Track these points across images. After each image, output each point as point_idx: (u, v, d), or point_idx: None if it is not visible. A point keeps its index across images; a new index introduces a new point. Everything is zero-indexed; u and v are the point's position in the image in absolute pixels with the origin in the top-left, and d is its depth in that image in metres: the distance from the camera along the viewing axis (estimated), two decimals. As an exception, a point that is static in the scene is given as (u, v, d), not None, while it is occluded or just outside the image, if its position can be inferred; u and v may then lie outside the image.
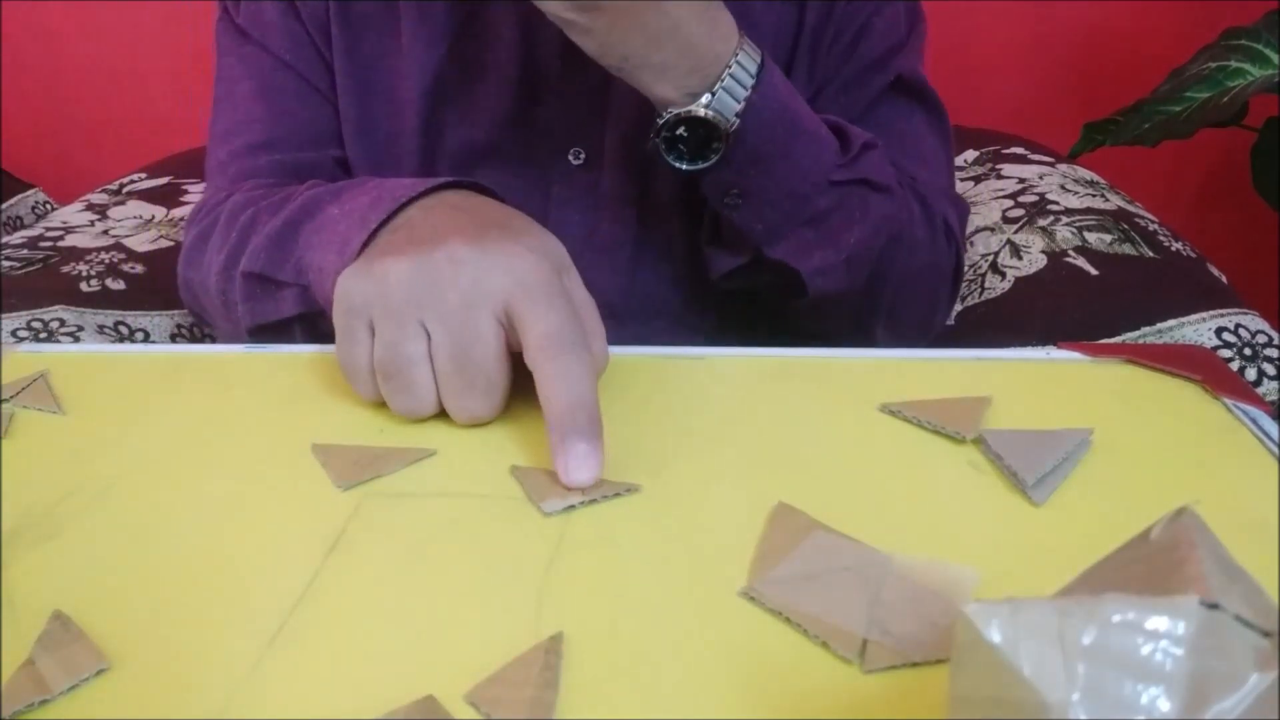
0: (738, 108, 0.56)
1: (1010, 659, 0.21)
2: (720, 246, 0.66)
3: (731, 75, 0.55)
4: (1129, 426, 0.45)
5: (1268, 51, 1.34)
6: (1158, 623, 0.21)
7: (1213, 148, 1.63)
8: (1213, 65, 1.35)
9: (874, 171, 0.63)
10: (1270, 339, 0.85)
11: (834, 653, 0.32)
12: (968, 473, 0.42)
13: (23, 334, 0.85)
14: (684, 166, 0.59)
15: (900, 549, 0.37)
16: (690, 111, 0.56)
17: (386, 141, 0.70)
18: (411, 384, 0.44)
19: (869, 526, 0.38)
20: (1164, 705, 0.20)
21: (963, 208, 0.74)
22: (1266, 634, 0.21)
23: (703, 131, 0.57)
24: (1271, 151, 1.45)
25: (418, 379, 0.44)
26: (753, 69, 0.56)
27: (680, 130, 0.57)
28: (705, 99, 0.55)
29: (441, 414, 0.45)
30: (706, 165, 0.58)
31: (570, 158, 0.70)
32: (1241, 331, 0.86)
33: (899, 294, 0.68)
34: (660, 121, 0.57)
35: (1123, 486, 0.41)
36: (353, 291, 0.44)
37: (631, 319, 0.72)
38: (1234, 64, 1.34)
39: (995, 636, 0.21)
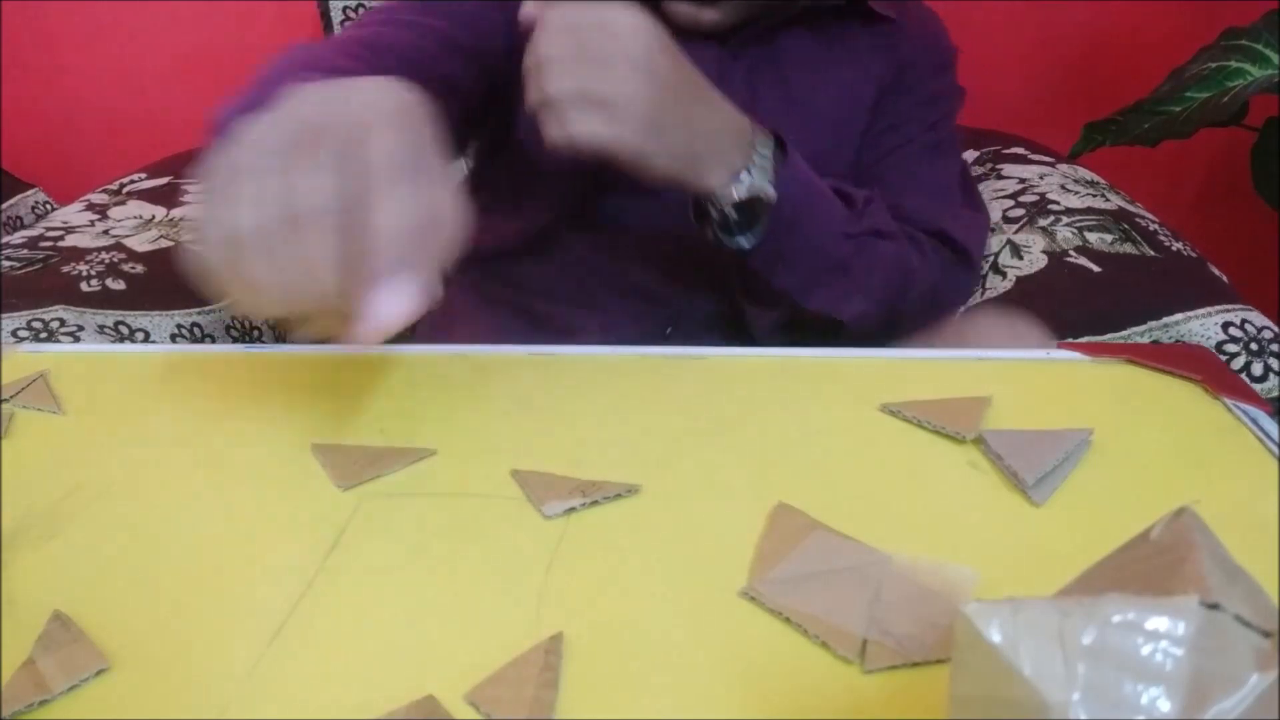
0: (771, 178, 0.59)
1: (1010, 659, 0.21)
2: (762, 306, 0.70)
3: (758, 150, 0.59)
4: (1129, 426, 0.45)
5: (1268, 51, 1.34)
6: (1158, 623, 0.21)
7: (1213, 148, 1.63)
8: (1213, 65, 1.35)
9: (879, 221, 0.70)
10: (1276, 334, 0.85)
11: (834, 653, 0.32)
12: (968, 473, 0.42)
13: (23, 334, 0.85)
14: (746, 244, 0.62)
15: (900, 549, 0.37)
16: (748, 192, 0.59)
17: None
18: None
19: (869, 526, 0.38)
20: (1164, 705, 0.20)
21: (975, 222, 0.81)
22: (1266, 634, 0.21)
23: (744, 212, 0.60)
24: (1271, 151, 1.45)
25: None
26: (769, 141, 0.60)
27: (728, 215, 0.61)
28: (744, 178, 0.59)
29: (441, 413, 0.45)
30: (759, 238, 0.62)
31: None
32: (1248, 326, 0.86)
33: (919, 310, 0.75)
34: (719, 211, 0.60)
35: (1123, 486, 0.41)
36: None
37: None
38: (1234, 64, 1.34)
39: (995, 636, 0.21)
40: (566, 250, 0.77)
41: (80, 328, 0.89)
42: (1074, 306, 0.91)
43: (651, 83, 0.53)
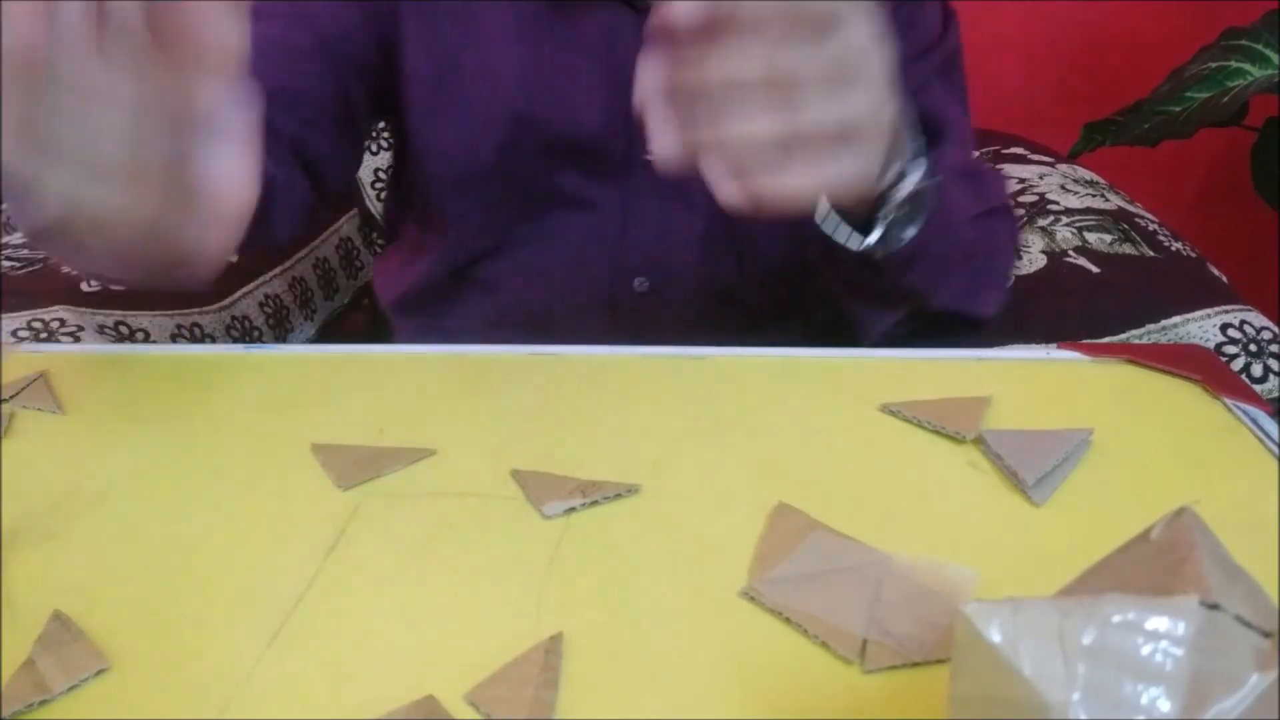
0: (923, 163, 0.50)
1: (1010, 659, 0.21)
2: (880, 307, 0.61)
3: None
4: (1129, 426, 0.45)
5: (1268, 51, 1.34)
6: (1158, 623, 0.21)
7: (1213, 148, 1.63)
8: (1213, 65, 1.35)
9: (996, 197, 0.62)
10: (1275, 334, 0.85)
11: (834, 653, 0.32)
12: (968, 473, 0.42)
13: (23, 334, 0.85)
14: (897, 239, 0.52)
15: (900, 549, 0.37)
16: (915, 185, 0.50)
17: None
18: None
19: (869, 526, 0.38)
20: (1164, 705, 0.20)
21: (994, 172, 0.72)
22: (1266, 634, 0.21)
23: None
24: (1271, 151, 1.45)
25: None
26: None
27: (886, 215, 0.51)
28: (912, 168, 0.50)
29: (441, 413, 0.45)
30: (900, 233, 0.52)
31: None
32: (1246, 328, 0.86)
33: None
34: (899, 192, 0.50)
35: (1123, 486, 0.41)
36: None
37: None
38: (1234, 64, 1.35)
39: (995, 636, 0.21)
40: (494, 284, 0.71)
41: (80, 328, 0.89)
42: (1072, 308, 0.91)
43: (889, 91, 0.41)
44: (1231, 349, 0.84)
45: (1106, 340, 0.86)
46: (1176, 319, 0.87)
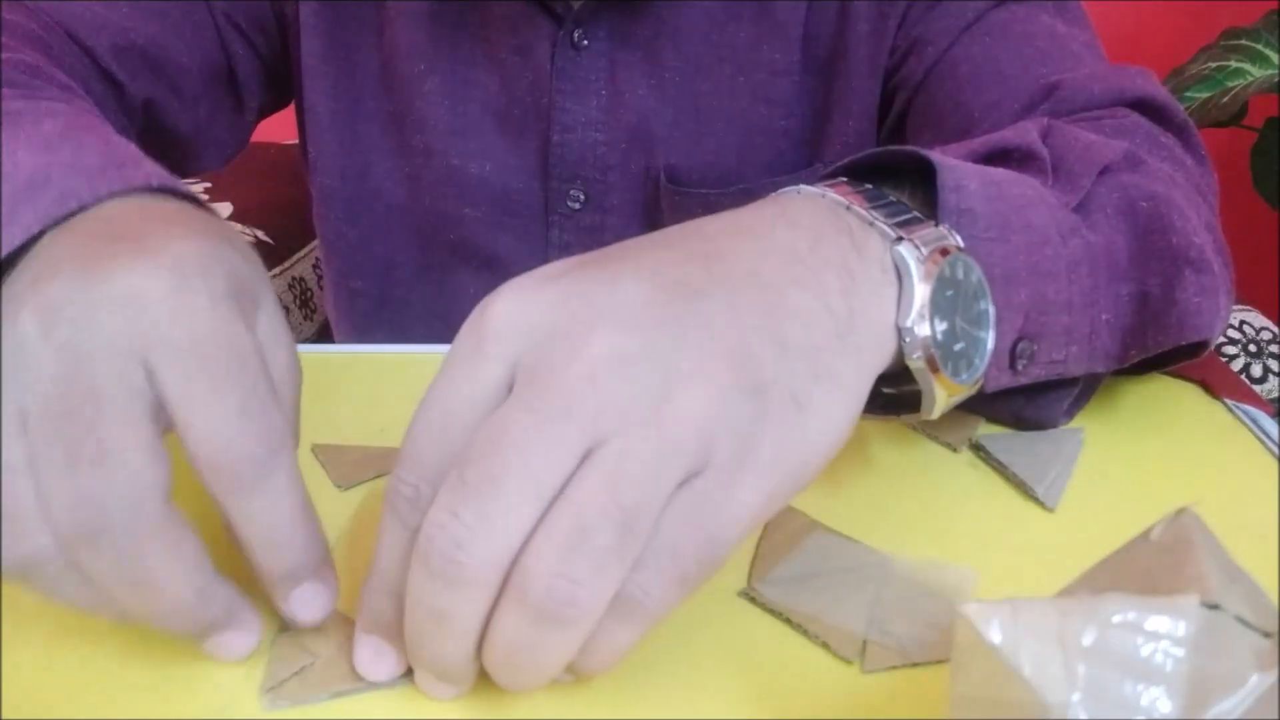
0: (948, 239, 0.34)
1: (1010, 659, 0.21)
2: (1052, 392, 0.42)
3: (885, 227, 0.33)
4: (1128, 426, 0.45)
5: (1268, 51, 1.34)
6: (1158, 623, 0.21)
7: (1213, 148, 1.63)
8: (1213, 65, 1.35)
9: (1130, 188, 0.41)
10: (1275, 334, 0.85)
11: (834, 653, 0.32)
12: (967, 473, 0.42)
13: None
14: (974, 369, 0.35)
15: (900, 549, 0.37)
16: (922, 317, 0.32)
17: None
18: (9, 518, 0.27)
19: (869, 526, 0.38)
20: (1164, 706, 0.20)
21: (1146, 75, 0.52)
22: (1266, 634, 0.21)
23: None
24: (1271, 151, 1.45)
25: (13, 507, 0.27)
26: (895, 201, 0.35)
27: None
28: (921, 325, 0.32)
29: None
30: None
31: (570, 202, 0.64)
32: (1246, 328, 0.86)
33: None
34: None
35: (1123, 486, 0.41)
36: None
37: None
38: (1234, 64, 1.35)
39: (995, 637, 0.21)
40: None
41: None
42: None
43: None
44: (1231, 349, 0.84)
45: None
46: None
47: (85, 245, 0.30)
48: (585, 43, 0.60)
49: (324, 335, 1.10)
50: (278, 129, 0.80)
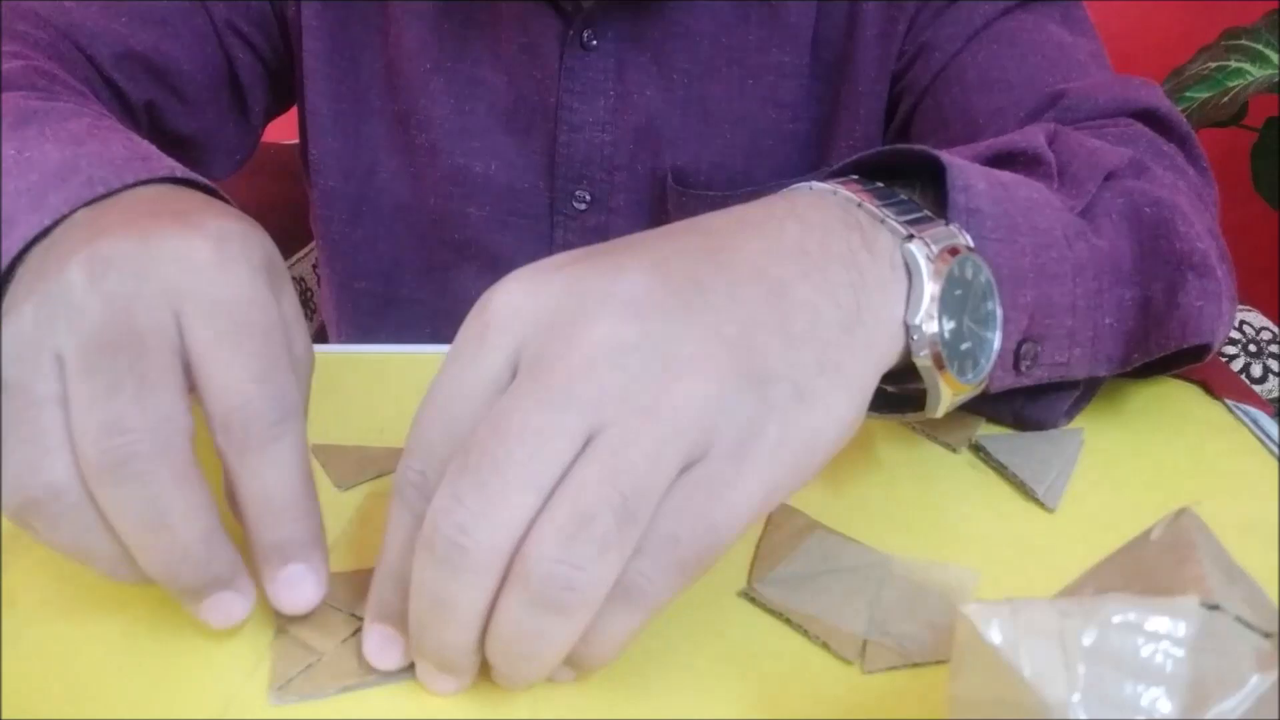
0: (985, 271, 0.35)
1: (1010, 660, 0.21)
2: (1053, 394, 0.43)
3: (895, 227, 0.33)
4: (1128, 427, 0.45)
5: (1268, 51, 1.34)
6: (1158, 624, 0.21)
7: (1213, 148, 1.62)
8: (1213, 65, 1.35)
9: (1123, 196, 0.41)
10: (1275, 334, 0.86)
11: (834, 653, 0.32)
12: (968, 473, 0.42)
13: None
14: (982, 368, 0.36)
15: (900, 549, 0.37)
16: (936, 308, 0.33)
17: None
18: (32, 446, 0.28)
19: (869, 526, 0.38)
20: (1164, 706, 0.20)
21: (1150, 87, 0.52)
22: (1267, 635, 0.21)
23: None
24: (1271, 151, 1.45)
25: (45, 440, 0.28)
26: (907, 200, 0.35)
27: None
28: (926, 322, 0.33)
29: None
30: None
31: (576, 202, 0.64)
32: (1246, 328, 0.86)
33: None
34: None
35: (1123, 486, 0.41)
36: None
37: None
38: (1234, 64, 1.35)
39: (995, 637, 0.21)
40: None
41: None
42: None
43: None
44: (1231, 349, 0.84)
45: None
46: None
47: (130, 216, 0.32)
48: (594, 43, 0.60)
49: (323, 335, 1.10)
50: (277, 129, 0.80)
